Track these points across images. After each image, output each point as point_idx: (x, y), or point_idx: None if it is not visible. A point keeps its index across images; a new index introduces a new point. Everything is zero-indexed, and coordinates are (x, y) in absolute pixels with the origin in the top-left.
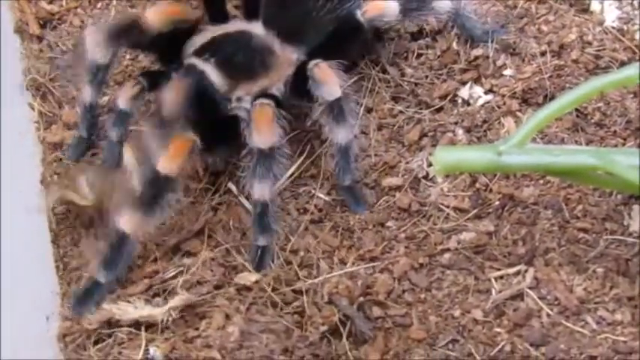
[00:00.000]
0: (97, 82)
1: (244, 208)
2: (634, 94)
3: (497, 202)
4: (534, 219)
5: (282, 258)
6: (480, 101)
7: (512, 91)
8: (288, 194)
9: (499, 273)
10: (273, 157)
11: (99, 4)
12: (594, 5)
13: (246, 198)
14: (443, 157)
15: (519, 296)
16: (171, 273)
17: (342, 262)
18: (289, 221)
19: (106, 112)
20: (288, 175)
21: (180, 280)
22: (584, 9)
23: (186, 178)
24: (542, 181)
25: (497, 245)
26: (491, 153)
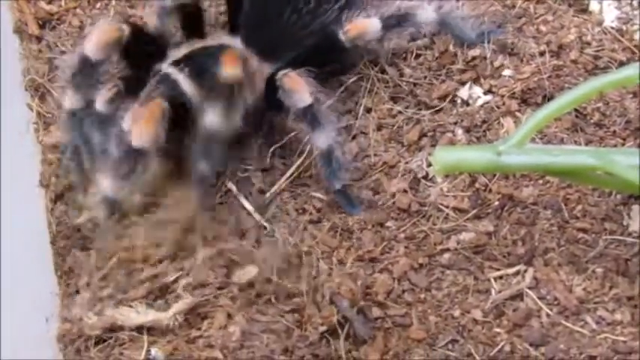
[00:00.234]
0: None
1: (244, 208)
2: (633, 94)
3: (497, 203)
4: (534, 219)
5: (281, 257)
6: (479, 101)
7: (511, 92)
8: (287, 195)
9: (498, 273)
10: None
11: (98, 4)
12: (593, 5)
13: (246, 198)
14: (442, 157)
15: (519, 296)
16: (172, 276)
17: (342, 262)
18: (288, 222)
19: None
20: (287, 176)
21: (182, 283)
22: (582, 9)
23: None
24: (541, 182)
25: (497, 245)
26: (491, 153)
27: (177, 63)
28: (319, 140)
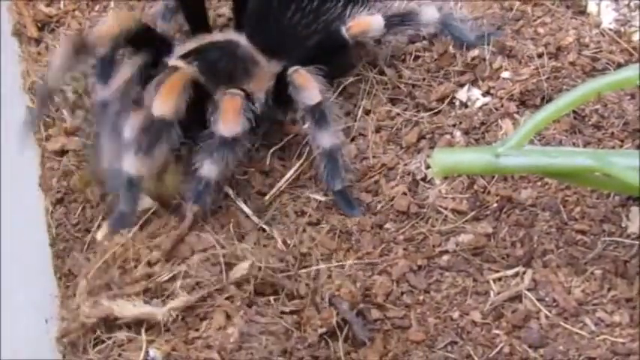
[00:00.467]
0: None
1: (243, 211)
2: (631, 95)
3: (495, 204)
4: (532, 221)
5: (280, 260)
6: (478, 103)
7: (509, 93)
8: (286, 197)
9: (497, 275)
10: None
11: (97, 6)
12: (591, 7)
13: (244, 201)
14: (441, 158)
15: (518, 298)
16: (168, 276)
17: (341, 264)
18: (287, 224)
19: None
20: (286, 178)
21: (179, 283)
22: (580, 11)
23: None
24: (539, 183)
25: (496, 247)
26: (489, 155)
27: (185, 57)
28: (324, 139)
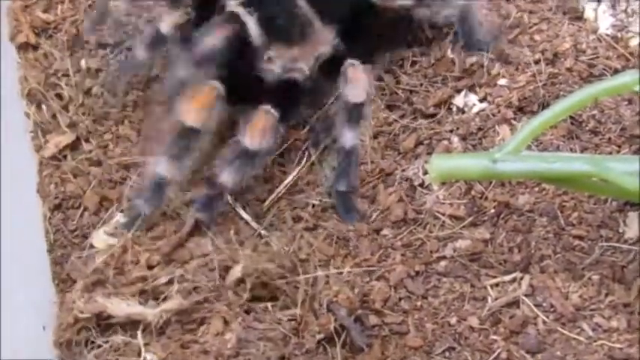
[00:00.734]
0: None
1: (241, 218)
2: (628, 101)
3: (493, 210)
4: (530, 226)
5: (278, 266)
6: (475, 109)
7: (506, 100)
8: (284, 203)
9: (495, 280)
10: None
11: (94, 12)
12: (588, 13)
13: (243, 207)
14: (438, 164)
15: (515, 303)
16: (164, 279)
17: (339, 270)
18: (285, 230)
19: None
20: (284, 184)
21: (175, 286)
22: (577, 17)
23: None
24: (537, 189)
25: (493, 253)
26: (487, 160)
27: (246, 4)
28: (348, 137)
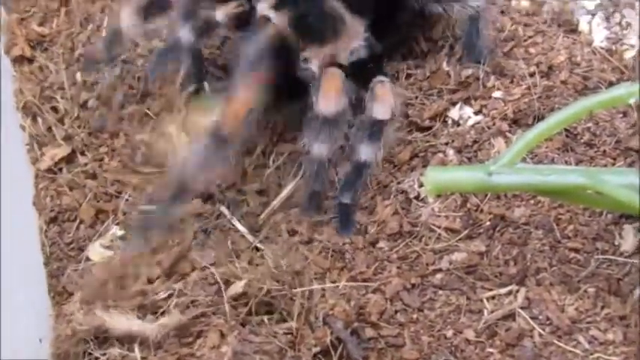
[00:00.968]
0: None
1: (237, 231)
2: (623, 113)
3: (489, 223)
4: (525, 239)
5: (274, 279)
6: (470, 122)
7: (501, 112)
8: (280, 216)
9: (491, 293)
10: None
11: (89, 25)
12: (582, 25)
13: (239, 220)
14: (434, 177)
15: (511, 316)
16: (163, 294)
17: (335, 283)
18: (281, 243)
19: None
20: (280, 197)
21: (174, 301)
22: (572, 29)
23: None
24: (532, 201)
25: (489, 265)
26: (482, 173)
27: (276, 6)
28: (363, 151)
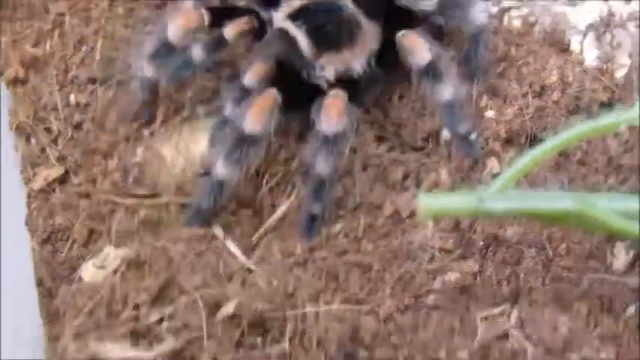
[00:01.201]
0: None
1: (230, 252)
2: (615, 133)
3: (482, 242)
4: (518, 258)
5: (267, 300)
6: None
7: (494, 132)
8: (273, 236)
9: (484, 313)
10: (336, 142)
11: (83, 47)
12: (574, 45)
13: (232, 241)
14: (427, 203)
15: (505, 336)
16: (154, 318)
17: (328, 304)
18: (274, 264)
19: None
20: (274, 218)
21: (165, 325)
22: (564, 49)
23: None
24: (525, 220)
25: (482, 285)
26: (475, 199)
27: (293, 17)
28: (444, 93)
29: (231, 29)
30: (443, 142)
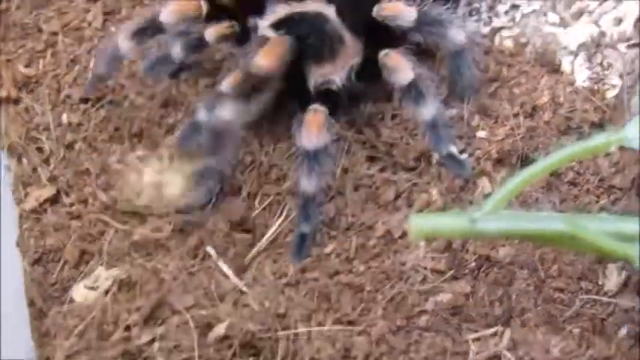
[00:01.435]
0: None
1: (222, 272)
2: (606, 153)
3: (474, 263)
4: (510, 279)
5: (259, 321)
6: None
7: (486, 152)
8: (265, 256)
9: (476, 335)
10: (317, 157)
11: (76, 67)
12: (565, 65)
13: (224, 262)
14: (419, 224)
15: (496, 357)
16: (145, 339)
17: (320, 325)
18: (266, 284)
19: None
20: (266, 238)
21: (156, 345)
22: (555, 69)
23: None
24: (517, 241)
25: (474, 306)
26: (466, 220)
27: (276, 26)
28: (424, 113)
29: (213, 31)
30: (434, 162)
